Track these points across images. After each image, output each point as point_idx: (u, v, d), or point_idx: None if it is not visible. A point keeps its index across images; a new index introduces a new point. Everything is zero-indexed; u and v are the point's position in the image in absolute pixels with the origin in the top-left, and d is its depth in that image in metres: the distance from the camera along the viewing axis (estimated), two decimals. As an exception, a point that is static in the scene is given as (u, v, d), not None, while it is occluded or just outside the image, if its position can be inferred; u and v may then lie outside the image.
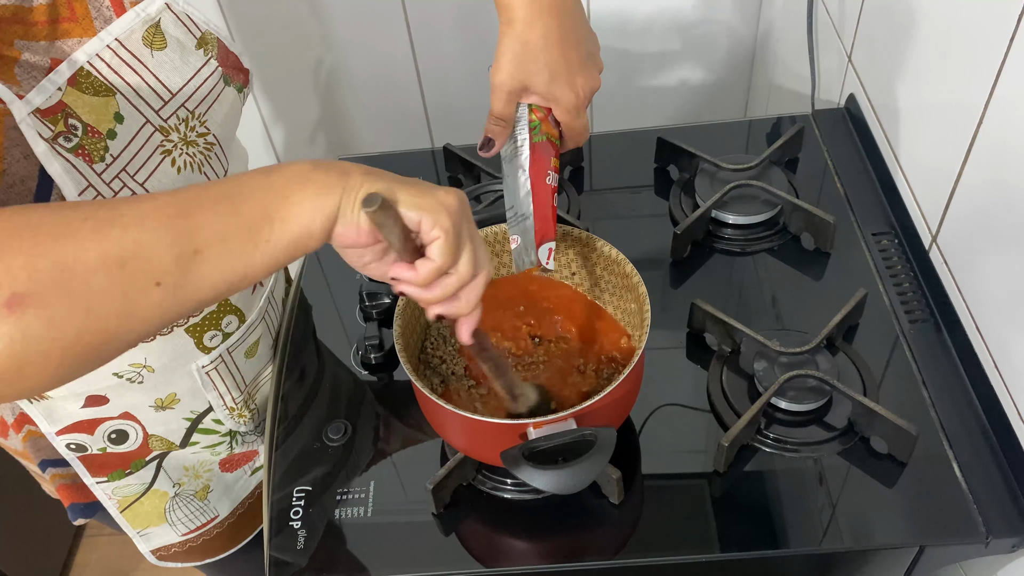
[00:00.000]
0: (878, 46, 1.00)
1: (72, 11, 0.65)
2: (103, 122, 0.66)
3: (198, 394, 0.85)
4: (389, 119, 1.65)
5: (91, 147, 0.65)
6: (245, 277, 0.53)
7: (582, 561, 0.73)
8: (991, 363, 0.77)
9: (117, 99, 0.67)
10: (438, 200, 0.55)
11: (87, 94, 0.65)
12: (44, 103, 0.62)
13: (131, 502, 0.90)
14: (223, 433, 0.92)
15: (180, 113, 0.72)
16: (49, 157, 0.62)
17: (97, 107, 0.66)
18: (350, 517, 0.76)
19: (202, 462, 0.93)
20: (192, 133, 0.73)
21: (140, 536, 0.95)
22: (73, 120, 0.64)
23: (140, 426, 0.84)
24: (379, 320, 0.90)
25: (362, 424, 0.84)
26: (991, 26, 0.73)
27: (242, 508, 1.01)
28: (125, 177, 0.68)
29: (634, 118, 1.63)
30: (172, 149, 0.72)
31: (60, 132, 0.63)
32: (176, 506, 0.94)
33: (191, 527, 0.96)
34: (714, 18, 1.50)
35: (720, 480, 0.75)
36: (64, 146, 0.63)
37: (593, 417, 0.68)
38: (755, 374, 0.79)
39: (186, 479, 0.93)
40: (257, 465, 1.00)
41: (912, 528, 0.71)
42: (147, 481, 0.90)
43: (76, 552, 1.80)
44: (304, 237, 0.54)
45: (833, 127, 1.09)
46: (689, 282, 0.93)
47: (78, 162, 0.64)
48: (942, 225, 0.86)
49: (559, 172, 0.77)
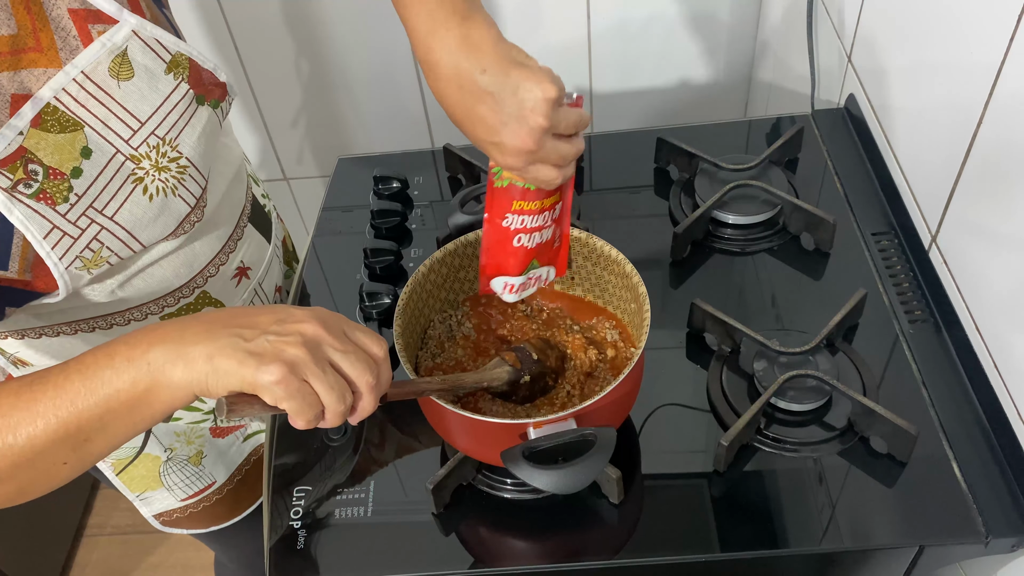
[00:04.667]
0: (878, 46, 1.00)
1: (38, 41, 0.64)
2: (67, 161, 0.66)
3: None
4: (389, 119, 1.65)
5: (53, 189, 0.65)
6: (137, 434, 0.62)
7: (582, 561, 0.73)
8: (991, 363, 0.77)
9: (85, 132, 0.67)
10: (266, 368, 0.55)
11: (52, 132, 0.65)
12: (3, 151, 0.62)
13: (125, 465, 0.92)
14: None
15: (151, 140, 0.72)
16: (9, 205, 0.63)
17: (62, 145, 0.66)
18: (350, 517, 0.76)
19: (192, 428, 0.94)
20: (164, 159, 0.73)
21: (140, 500, 0.96)
22: (34, 165, 0.64)
23: None
24: (379, 320, 0.90)
25: (362, 424, 0.84)
26: (991, 26, 0.73)
27: (239, 475, 1.02)
28: (93, 213, 0.68)
29: (634, 118, 1.64)
30: (144, 176, 0.72)
31: (20, 179, 0.63)
32: (170, 470, 0.95)
33: (189, 492, 0.97)
34: (714, 18, 1.50)
35: (720, 480, 0.75)
36: (24, 192, 0.64)
37: (593, 417, 0.68)
38: (755, 374, 0.79)
39: (177, 444, 0.94)
40: (249, 432, 1.01)
41: (912, 528, 0.71)
42: (137, 446, 0.92)
43: (76, 552, 1.80)
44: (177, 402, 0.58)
45: (833, 127, 1.09)
46: (689, 282, 0.93)
47: (39, 206, 0.65)
48: (942, 225, 0.86)
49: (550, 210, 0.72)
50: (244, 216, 0.90)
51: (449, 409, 0.68)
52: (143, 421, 0.59)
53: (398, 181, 1.07)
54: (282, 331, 0.56)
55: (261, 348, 0.55)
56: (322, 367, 0.56)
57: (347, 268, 1.00)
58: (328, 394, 0.56)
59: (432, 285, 0.81)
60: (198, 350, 0.55)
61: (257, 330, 0.56)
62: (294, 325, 0.57)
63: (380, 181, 1.07)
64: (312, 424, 0.57)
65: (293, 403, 0.55)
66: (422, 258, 0.89)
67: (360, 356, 0.58)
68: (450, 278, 0.83)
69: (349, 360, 0.57)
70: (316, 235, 1.06)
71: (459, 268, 0.83)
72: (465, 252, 0.82)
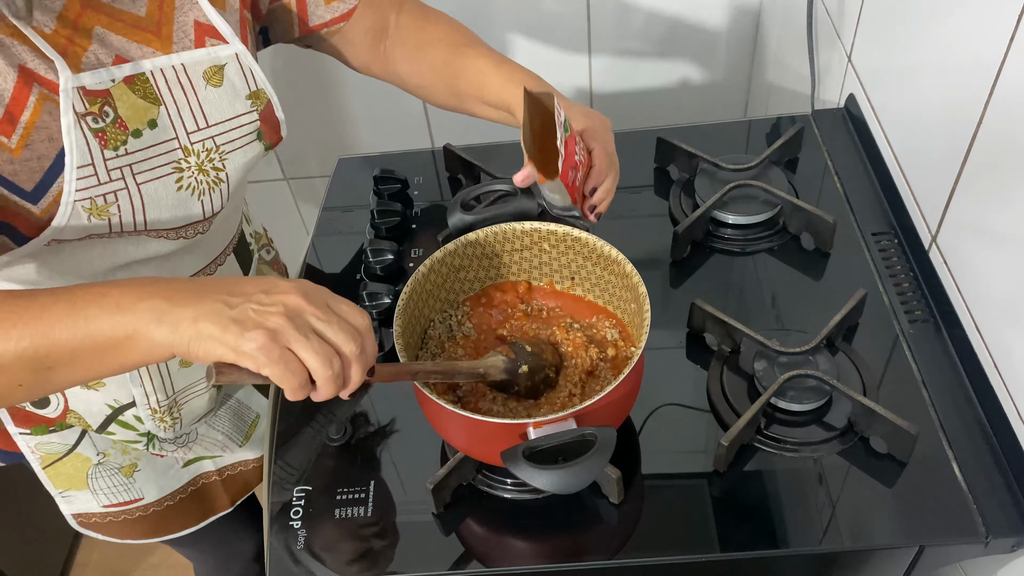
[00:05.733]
0: (878, 46, 1.00)
1: (158, 30, 0.76)
2: (135, 121, 0.74)
3: (124, 385, 0.87)
4: (389, 119, 1.65)
5: (112, 135, 0.72)
6: (100, 377, 0.65)
7: (582, 561, 0.73)
8: (991, 363, 0.77)
9: (159, 109, 0.75)
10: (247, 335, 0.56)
11: (136, 95, 0.74)
12: (93, 85, 0.71)
13: (53, 460, 0.93)
14: (141, 432, 0.93)
15: (207, 143, 0.79)
16: (71, 127, 0.69)
17: (138, 109, 0.74)
18: (350, 517, 0.76)
19: (131, 440, 0.94)
20: (208, 164, 0.79)
21: (62, 497, 0.97)
22: (108, 108, 0.72)
23: (62, 395, 0.87)
24: (379, 320, 0.90)
25: (362, 424, 0.84)
26: (991, 26, 0.73)
27: (171, 501, 1.02)
28: (127, 172, 0.73)
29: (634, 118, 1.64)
30: (184, 169, 0.77)
31: (91, 112, 0.71)
32: (99, 474, 0.95)
33: (113, 500, 0.98)
34: (714, 18, 1.50)
35: (720, 480, 0.75)
36: (90, 124, 0.71)
37: (593, 417, 0.68)
38: (755, 374, 0.79)
39: (112, 451, 0.95)
40: (190, 457, 1.01)
41: (912, 528, 0.71)
42: (70, 443, 0.93)
43: (76, 552, 1.80)
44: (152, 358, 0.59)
45: (833, 127, 1.09)
46: (689, 282, 0.93)
47: (93, 141, 0.71)
48: (942, 225, 0.86)
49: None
50: (230, 247, 0.93)
51: (449, 409, 0.68)
52: (111, 366, 0.60)
53: (398, 181, 1.07)
54: (266, 300, 0.58)
55: (244, 316, 0.57)
56: (305, 334, 0.57)
57: (347, 268, 1.00)
58: (313, 358, 0.57)
59: (432, 285, 0.81)
60: (184, 312, 0.57)
61: (242, 298, 0.58)
62: (278, 296, 0.58)
63: (380, 181, 1.07)
64: (303, 392, 0.58)
65: (275, 368, 0.56)
66: (422, 258, 0.89)
67: (343, 326, 0.59)
68: (450, 278, 0.83)
69: (332, 329, 0.59)
70: (316, 235, 1.06)
71: (459, 268, 0.83)
72: (465, 252, 0.82)
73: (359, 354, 0.60)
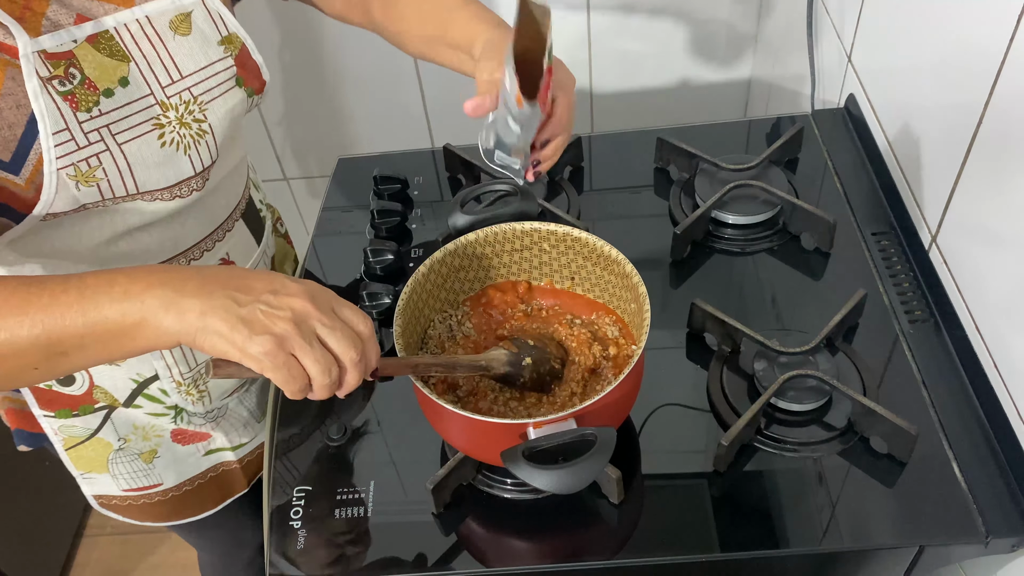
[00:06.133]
0: (878, 46, 1.00)
1: None
2: (104, 80, 0.72)
3: (145, 360, 0.88)
4: (389, 119, 1.65)
5: (82, 96, 0.71)
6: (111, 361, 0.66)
7: (582, 561, 0.73)
8: (991, 363, 0.77)
9: (129, 66, 0.73)
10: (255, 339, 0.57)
11: (102, 53, 0.72)
12: (53, 48, 0.69)
13: (76, 443, 0.93)
14: (168, 405, 0.93)
15: (183, 95, 0.77)
16: (37, 92, 0.68)
17: (105, 67, 0.72)
18: (350, 517, 0.77)
19: (153, 426, 0.95)
20: (188, 116, 0.77)
21: (83, 478, 0.98)
22: (74, 70, 0.70)
23: (87, 373, 0.87)
24: (379, 320, 0.90)
25: (362, 424, 0.84)
26: (991, 26, 0.73)
27: (190, 486, 1.02)
28: (105, 133, 0.72)
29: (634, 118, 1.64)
30: (165, 125, 0.76)
31: (56, 76, 0.69)
32: (119, 459, 0.96)
33: (132, 485, 0.98)
34: (714, 18, 1.50)
35: (720, 480, 0.75)
36: (56, 88, 0.69)
37: (593, 417, 0.68)
38: (755, 374, 0.79)
39: (133, 437, 0.95)
40: (212, 447, 1.01)
41: (912, 528, 0.71)
42: (92, 428, 0.92)
43: (76, 552, 1.80)
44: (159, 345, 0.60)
45: (833, 127, 1.09)
46: (689, 282, 0.93)
47: (63, 105, 0.69)
48: (942, 225, 0.86)
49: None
50: (237, 211, 0.92)
51: (449, 409, 0.68)
52: (120, 351, 0.61)
53: (398, 181, 1.07)
54: (274, 303, 0.58)
55: (253, 317, 0.57)
56: (309, 341, 0.58)
57: (347, 268, 1.00)
58: (314, 367, 0.58)
59: (432, 285, 0.81)
60: (192, 303, 0.58)
61: (251, 296, 0.58)
62: (286, 299, 0.59)
63: (380, 181, 1.07)
64: (301, 395, 0.60)
65: (279, 374, 0.58)
66: (422, 258, 0.89)
67: (346, 332, 0.60)
68: (450, 278, 0.83)
69: (335, 336, 0.59)
70: (316, 235, 1.06)
71: (459, 268, 0.83)
72: (465, 252, 0.82)
73: (358, 361, 0.60)
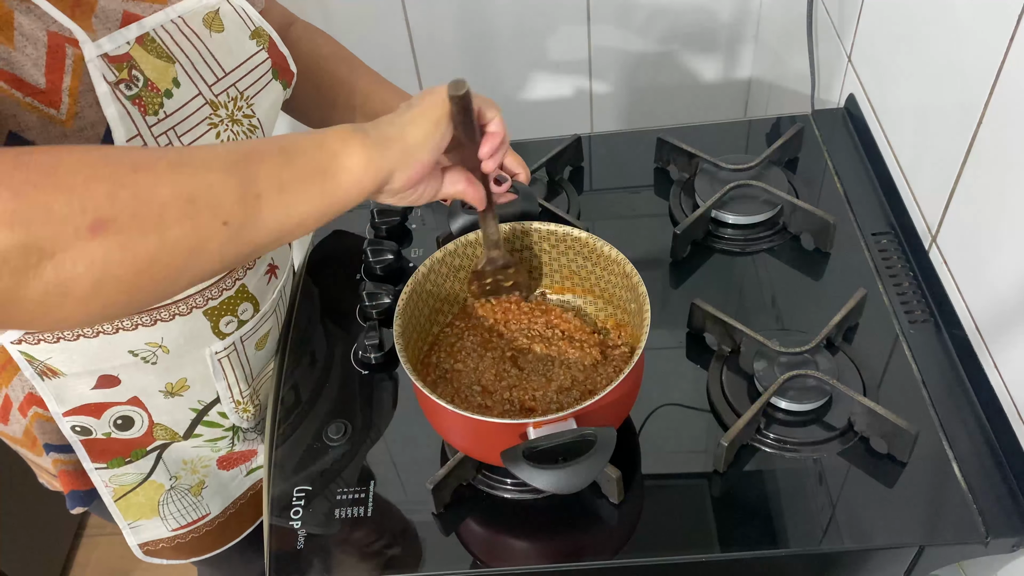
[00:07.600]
0: (878, 46, 1.00)
1: None
2: (162, 81, 0.71)
3: (208, 382, 0.86)
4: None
5: (148, 99, 0.69)
6: (300, 224, 0.59)
7: (582, 561, 0.73)
8: (991, 363, 0.77)
9: (176, 67, 0.72)
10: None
11: (151, 55, 0.71)
12: (113, 50, 0.67)
13: (126, 491, 0.91)
14: (226, 428, 0.92)
15: (230, 92, 0.77)
16: (108, 100, 0.66)
17: (159, 68, 0.71)
18: (350, 517, 0.77)
19: (201, 457, 0.94)
20: (239, 113, 0.78)
21: (131, 528, 0.96)
22: (136, 72, 0.69)
23: (146, 413, 0.85)
24: (379, 320, 0.90)
25: (362, 424, 0.84)
26: (991, 26, 0.73)
27: (233, 508, 1.01)
28: (172, 136, 0.71)
29: (634, 118, 1.64)
30: (218, 123, 0.76)
31: (123, 79, 0.67)
32: (170, 499, 0.94)
33: (182, 523, 0.97)
34: (714, 18, 1.50)
35: (720, 480, 0.75)
36: (124, 92, 0.67)
37: (593, 417, 0.68)
38: (755, 374, 0.79)
39: (183, 473, 0.93)
40: (254, 466, 1.00)
41: (911, 528, 0.71)
42: (145, 472, 0.91)
43: (76, 552, 1.80)
44: (354, 192, 0.60)
45: (833, 127, 1.09)
46: (689, 282, 0.93)
47: (133, 110, 0.68)
48: (942, 225, 0.86)
49: None
50: None
51: (449, 409, 0.68)
52: (321, 200, 0.59)
53: (398, 181, 1.07)
54: None
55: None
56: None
57: (347, 268, 1.00)
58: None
59: (432, 285, 0.81)
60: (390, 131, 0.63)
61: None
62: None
63: (380, 181, 1.06)
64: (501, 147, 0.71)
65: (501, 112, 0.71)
66: (422, 258, 0.89)
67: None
68: (450, 278, 0.83)
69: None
70: (316, 235, 1.06)
71: (459, 268, 0.83)
72: (465, 252, 0.82)
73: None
